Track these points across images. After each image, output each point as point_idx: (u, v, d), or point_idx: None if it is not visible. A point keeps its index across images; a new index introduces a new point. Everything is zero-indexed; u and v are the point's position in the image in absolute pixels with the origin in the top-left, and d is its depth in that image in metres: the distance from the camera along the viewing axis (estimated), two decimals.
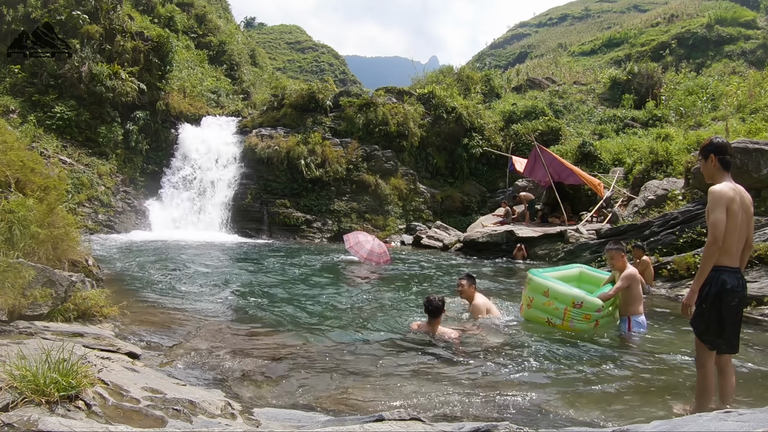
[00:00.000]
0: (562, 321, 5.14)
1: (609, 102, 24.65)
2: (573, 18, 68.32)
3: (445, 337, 4.80)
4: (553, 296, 5.21)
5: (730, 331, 3.20)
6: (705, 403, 3.25)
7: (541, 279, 5.43)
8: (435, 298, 4.87)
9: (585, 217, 14.20)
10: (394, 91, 22.61)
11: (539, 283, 5.39)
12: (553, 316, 5.22)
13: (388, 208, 18.76)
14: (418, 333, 4.95)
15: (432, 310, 4.81)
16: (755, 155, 9.00)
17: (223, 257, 11.93)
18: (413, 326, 5.12)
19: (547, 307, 5.26)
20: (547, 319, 5.27)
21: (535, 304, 5.38)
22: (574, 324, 5.10)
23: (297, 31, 72.53)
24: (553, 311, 5.21)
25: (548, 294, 5.25)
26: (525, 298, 5.55)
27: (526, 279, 5.64)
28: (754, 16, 36.96)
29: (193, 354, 4.13)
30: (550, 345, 4.92)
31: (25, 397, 2.09)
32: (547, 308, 5.26)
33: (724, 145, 3.26)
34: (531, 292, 5.45)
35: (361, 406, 3.28)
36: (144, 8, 23.44)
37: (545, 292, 5.27)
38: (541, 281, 5.39)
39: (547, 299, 5.26)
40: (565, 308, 5.11)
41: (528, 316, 5.53)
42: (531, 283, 5.48)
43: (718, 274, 3.15)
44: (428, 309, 4.84)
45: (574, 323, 5.10)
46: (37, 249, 4.28)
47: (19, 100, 16.27)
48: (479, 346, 4.76)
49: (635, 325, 5.21)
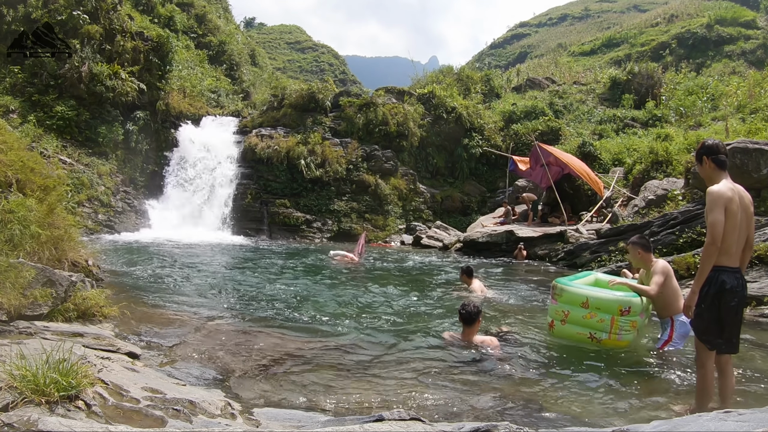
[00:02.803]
0: (609, 334, 4.43)
1: (609, 102, 24.64)
2: (573, 18, 68.31)
3: (482, 346, 4.47)
4: (595, 306, 4.46)
5: (730, 331, 3.20)
6: (705, 403, 3.26)
7: (576, 288, 4.67)
8: (470, 304, 4.54)
9: (585, 217, 14.20)
10: (394, 91, 22.61)
11: (575, 293, 4.62)
12: (598, 330, 4.47)
13: (388, 208, 18.76)
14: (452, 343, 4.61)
15: (466, 317, 4.49)
16: (755, 155, 9.00)
17: (223, 257, 11.92)
18: (445, 336, 4.78)
19: (588, 320, 4.51)
20: (590, 334, 4.52)
21: (573, 318, 4.60)
22: (622, 336, 4.41)
23: (297, 31, 72.53)
24: (597, 324, 4.46)
25: (588, 304, 4.49)
26: (556, 313, 4.74)
27: (553, 291, 4.83)
28: (754, 16, 36.97)
29: (193, 354, 4.13)
30: (550, 344, 4.92)
31: (25, 397, 2.09)
32: (589, 321, 4.50)
33: (715, 146, 3.28)
34: (565, 305, 4.67)
35: (361, 406, 3.28)
36: (144, 8, 23.43)
37: (584, 303, 4.51)
38: (578, 290, 4.64)
39: (587, 311, 4.51)
40: (612, 318, 4.39)
41: (563, 334, 4.73)
42: (563, 294, 4.68)
43: (718, 274, 3.15)
44: (462, 316, 4.50)
45: (622, 335, 4.41)
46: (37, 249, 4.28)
47: (19, 100, 16.25)
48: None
49: (679, 327, 4.46)
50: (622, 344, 4.48)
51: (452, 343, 4.63)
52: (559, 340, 4.80)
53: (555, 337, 4.82)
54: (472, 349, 4.47)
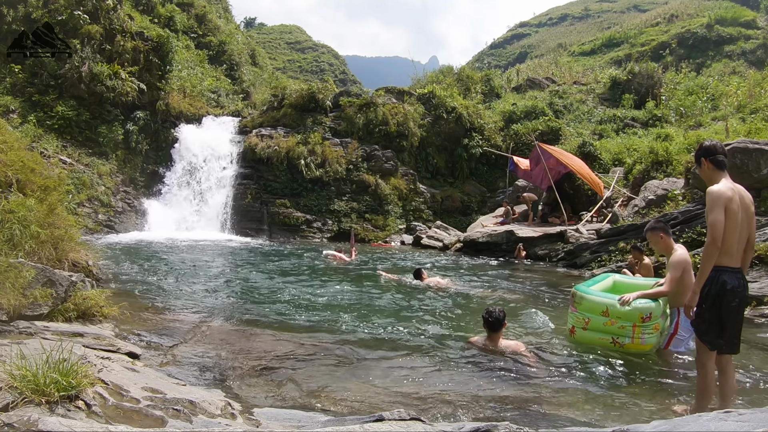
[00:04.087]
0: (632, 339, 4.46)
1: (609, 102, 24.64)
2: (573, 18, 68.29)
3: (509, 351, 4.43)
4: (615, 315, 4.48)
5: (731, 331, 3.19)
6: (705, 403, 3.26)
7: (596, 297, 4.66)
8: (495, 309, 4.52)
9: (585, 217, 14.20)
10: (394, 91, 22.60)
11: (596, 302, 4.60)
12: (620, 335, 4.51)
13: (388, 208, 18.75)
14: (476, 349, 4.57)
15: (492, 322, 4.45)
16: (755, 155, 9.00)
17: (223, 257, 11.93)
18: (471, 340, 4.74)
19: (609, 327, 4.53)
20: (612, 339, 4.55)
21: (594, 326, 4.62)
22: (645, 340, 4.43)
23: (297, 31, 72.50)
24: (619, 331, 4.49)
25: (608, 313, 4.51)
26: (577, 320, 4.74)
27: (572, 298, 4.82)
28: (754, 16, 36.98)
29: (193, 354, 4.13)
30: (550, 344, 4.92)
31: (25, 397, 2.09)
32: (610, 328, 4.53)
33: (713, 147, 3.29)
34: (585, 312, 4.66)
35: (361, 406, 3.28)
36: (144, 8, 23.44)
37: (604, 312, 4.52)
38: (599, 299, 4.62)
39: (607, 319, 4.52)
40: (633, 325, 4.42)
41: (584, 339, 4.73)
42: (584, 302, 4.68)
43: (719, 275, 3.14)
44: (488, 322, 4.47)
45: (645, 339, 4.44)
46: (37, 249, 4.28)
47: (20, 100, 16.26)
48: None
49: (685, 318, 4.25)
50: (646, 348, 4.47)
51: (478, 348, 4.57)
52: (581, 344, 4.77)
53: (576, 342, 4.81)
54: (498, 355, 4.40)
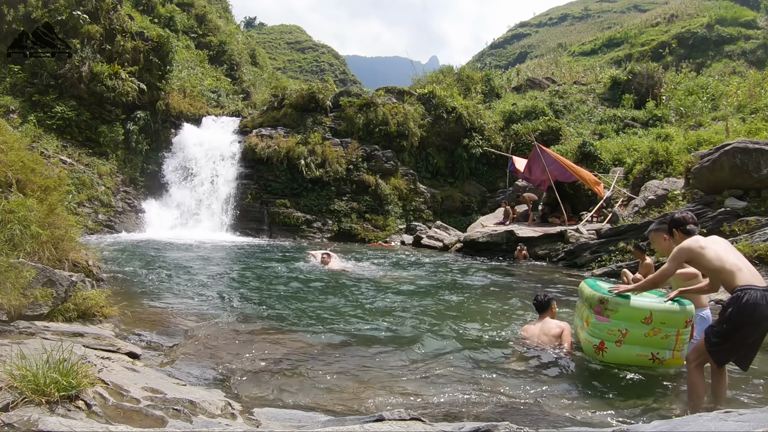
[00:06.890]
0: (673, 351, 3.85)
1: (609, 102, 24.64)
2: (573, 18, 68.31)
3: (552, 333, 4.60)
4: (660, 321, 3.78)
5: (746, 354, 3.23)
6: (697, 402, 3.28)
7: (638, 301, 3.88)
8: (540, 294, 4.90)
9: (585, 217, 14.20)
10: (394, 91, 22.61)
11: (638, 307, 3.84)
12: (662, 348, 3.85)
13: (388, 208, 18.76)
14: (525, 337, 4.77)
15: (538, 305, 4.89)
16: (755, 155, 9.00)
17: (224, 257, 11.92)
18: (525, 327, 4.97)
19: (652, 338, 3.83)
20: (651, 355, 3.87)
21: (633, 338, 3.87)
22: (684, 352, 3.84)
23: (297, 31, 72.51)
24: (662, 342, 3.82)
25: (652, 320, 3.79)
26: (611, 334, 3.93)
27: (602, 306, 3.98)
28: (754, 16, 36.96)
29: (193, 354, 4.13)
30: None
31: (25, 397, 2.09)
32: (653, 339, 3.84)
33: (682, 218, 3.72)
34: (622, 322, 3.89)
35: (361, 406, 3.28)
36: (144, 8, 23.45)
37: (646, 318, 3.80)
38: (642, 304, 3.86)
39: (650, 327, 3.81)
40: (678, 332, 3.80)
41: (617, 357, 3.97)
42: (620, 309, 3.88)
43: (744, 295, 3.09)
44: (537, 305, 4.89)
45: (683, 350, 3.86)
46: (37, 249, 4.28)
47: (20, 100, 16.26)
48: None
49: (700, 322, 4.03)
50: (682, 362, 3.86)
51: (524, 338, 4.79)
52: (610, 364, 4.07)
53: (605, 361, 4.05)
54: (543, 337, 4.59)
